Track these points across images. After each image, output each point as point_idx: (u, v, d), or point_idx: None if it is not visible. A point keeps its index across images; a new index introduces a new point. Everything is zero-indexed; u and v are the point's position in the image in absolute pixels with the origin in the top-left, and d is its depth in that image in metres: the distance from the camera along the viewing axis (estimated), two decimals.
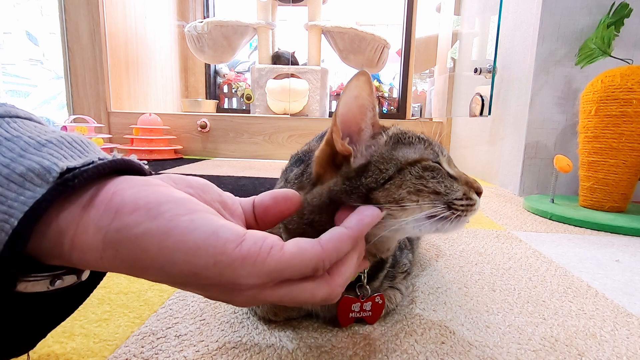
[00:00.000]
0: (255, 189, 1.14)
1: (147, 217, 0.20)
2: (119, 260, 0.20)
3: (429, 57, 2.06)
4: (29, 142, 0.21)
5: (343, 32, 2.27)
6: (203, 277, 0.20)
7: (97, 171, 0.21)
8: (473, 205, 0.31)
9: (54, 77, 3.47)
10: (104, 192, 0.21)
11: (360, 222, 0.26)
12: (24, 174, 0.19)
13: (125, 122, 1.96)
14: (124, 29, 2.09)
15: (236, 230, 0.21)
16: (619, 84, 0.85)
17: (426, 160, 0.30)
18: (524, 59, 1.19)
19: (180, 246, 0.19)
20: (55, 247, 0.20)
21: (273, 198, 0.28)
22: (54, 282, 0.22)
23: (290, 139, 2.04)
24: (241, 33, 2.33)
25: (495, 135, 1.40)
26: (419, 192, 0.29)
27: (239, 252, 0.20)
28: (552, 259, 0.61)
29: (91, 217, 0.20)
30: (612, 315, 0.43)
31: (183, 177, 0.26)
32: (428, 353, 0.34)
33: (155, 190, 0.21)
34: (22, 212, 0.18)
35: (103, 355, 0.32)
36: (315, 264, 0.22)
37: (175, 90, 2.69)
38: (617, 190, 0.89)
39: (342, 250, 0.24)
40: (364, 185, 0.29)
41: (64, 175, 0.20)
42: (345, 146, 0.29)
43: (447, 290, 0.47)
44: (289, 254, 0.21)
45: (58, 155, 0.21)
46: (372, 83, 0.29)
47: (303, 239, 0.23)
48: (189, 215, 0.20)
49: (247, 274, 0.20)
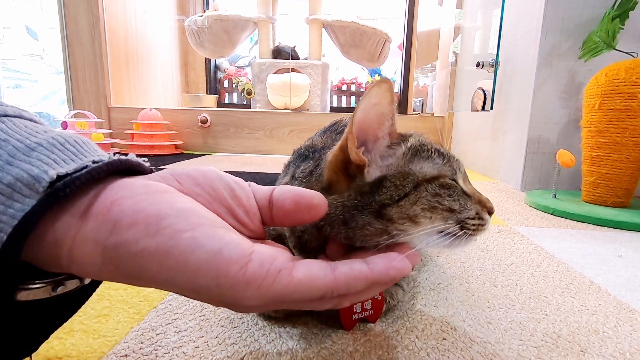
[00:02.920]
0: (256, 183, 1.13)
1: (147, 233, 0.18)
2: (119, 274, 0.19)
3: (431, 51, 2.05)
4: (17, 146, 0.19)
5: (344, 26, 2.25)
6: (204, 295, 0.19)
7: (91, 177, 0.20)
8: (484, 225, 0.30)
9: (54, 72, 3.46)
10: (101, 201, 0.20)
11: (386, 271, 0.22)
12: (11, 184, 0.18)
13: (126, 117, 1.96)
14: (124, 24, 2.07)
15: (242, 249, 0.19)
16: (624, 77, 0.84)
17: (444, 177, 0.29)
18: (526, 53, 1.17)
19: (180, 267, 0.18)
20: (52, 258, 0.19)
21: (295, 203, 0.24)
22: (55, 288, 0.21)
23: (291, 134, 2.03)
24: (241, 27, 2.32)
25: (498, 129, 1.39)
26: (434, 209, 0.28)
27: (242, 276, 0.19)
28: (554, 254, 0.61)
29: (89, 229, 0.19)
30: (615, 311, 0.42)
31: (189, 172, 0.23)
32: (429, 349, 0.33)
33: (157, 199, 0.20)
34: (11, 227, 0.17)
35: (102, 351, 0.32)
36: (323, 293, 0.21)
37: (176, 85, 2.68)
38: (621, 186, 0.89)
39: (354, 289, 0.22)
40: (378, 202, 0.27)
41: (54, 184, 0.18)
42: (360, 156, 0.28)
43: (448, 286, 0.47)
44: (297, 280, 0.20)
45: (48, 161, 0.19)
46: (394, 91, 0.27)
47: (316, 264, 0.21)
48: (191, 231, 0.19)
49: (250, 297, 0.19)
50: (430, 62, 2.12)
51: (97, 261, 0.19)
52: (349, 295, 0.23)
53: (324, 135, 0.46)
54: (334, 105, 2.78)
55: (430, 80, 2.08)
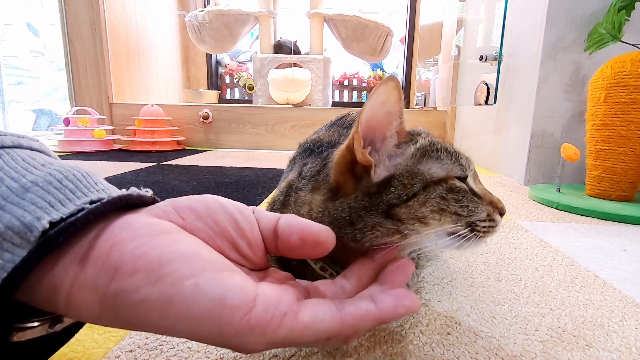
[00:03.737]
0: (258, 179, 1.13)
1: (148, 282, 0.18)
2: (118, 321, 0.19)
3: (433, 44, 2.03)
4: (11, 186, 0.18)
5: (346, 20, 2.24)
6: (207, 341, 0.19)
7: (88, 220, 0.19)
8: (495, 227, 0.30)
9: (55, 69, 3.46)
10: (101, 244, 0.19)
11: (394, 310, 0.21)
12: (2, 232, 0.17)
13: (127, 114, 1.96)
14: (124, 19, 2.07)
15: (245, 294, 0.19)
16: (629, 70, 0.83)
17: (452, 178, 0.29)
18: (531, 46, 1.16)
19: (182, 316, 0.18)
20: (48, 302, 0.19)
21: (302, 239, 0.23)
22: (53, 325, 0.20)
23: (293, 129, 2.03)
24: (242, 22, 2.30)
25: (501, 123, 1.38)
26: (442, 211, 0.27)
27: (247, 323, 0.18)
28: (559, 248, 0.61)
29: (88, 274, 0.18)
30: (621, 306, 0.42)
31: (191, 204, 0.22)
32: (434, 344, 0.33)
33: (158, 242, 0.19)
34: (0, 279, 0.17)
35: (108, 347, 0.32)
36: (329, 335, 0.20)
37: (177, 81, 2.68)
38: (625, 179, 0.88)
39: (361, 329, 0.21)
40: (385, 202, 0.27)
41: (47, 232, 0.18)
42: (366, 156, 0.27)
43: (452, 281, 0.47)
44: (302, 324, 0.19)
45: (43, 204, 0.18)
46: (401, 89, 0.27)
47: (322, 305, 0.20)
48: (194, 278, 0.18)
49: (254, 342, 0.18)
50: (433, 56, 2.10)
51: (95, 308, 0.18)
52: (357, 334, 0.22)
53: (331, 129, 0.46)
54: (336, 100, 2.77)
55: (432, 74, 2.07)
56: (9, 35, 3.37)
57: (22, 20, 3.36)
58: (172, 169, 1.29)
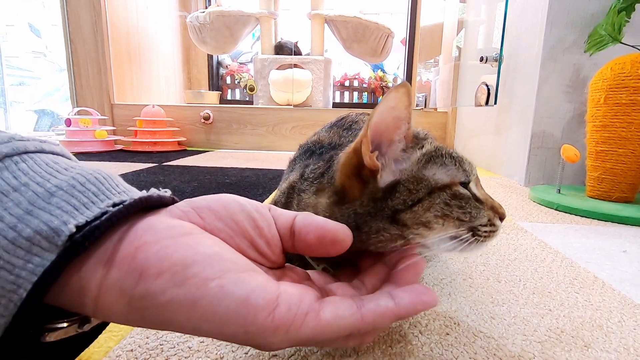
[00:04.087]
0: (259, 180, 1.13)
1: (173, 284, 0.18)
2: (145, 322, 0.19)
3: (434, 46, 2.03)
4: (37, 191, 0.19)
5: (346, 21, 2.24)
6: (230, 340, 0.19)
7: (111, 224, 0.19)
8: (495, 231, 0.31)
9: (57, 70, 3.47)
10: (125, 246, 0.19)
11: (413, 306, 0.22)
12: (31, 237, 0.17)
13: (129, 114, 1.97)
14: (126, 20, 2.07)
15: (269, 294, 0.19)
16: (629, 71, 0.83)
17: (456, 185, 0.29)
18: (531, 47, 1.16)
19: (208, 317, 0.18)
20: (77, 305, 0.19)
21: (319, 238, 0.23)
22: (82, 326, 0.21)
23: (294, 130, 2.03)
24: (243, 23, 2.31)
25: (501, 124, 1.38)
26: (446, 216, 0.28)
27: (271, 322, 0.18)
28: (558, 249, 0.61)
29: (114, 277, 0.19)
30: (620, 307, 0.42)
31: (210, 204, 0.23)
32: (433, 344, 0.34)
33: (181, 244, 0.20)
34: (31, 283, 0.17)
35: (109, 346, 0.32)
36: (350, 332, 0.21)
37: (178, 82, 2.68)
38: (626, 180, 0.88)
39: (381, 326, 0.22)
40: (390, 207, 0.27)
41: (73, 236, 0.18)
42: (374, 160, 0.27)
43: (451, 282, 0.47)
44: (324, 322, 0.20)
45: (68, 208, 0.19)
46: (411, 95, 0.27)
47: (342, 303, 0.21)
48: (219, 279, 0.19)
49: (278, 341, 0.19)
50: (434, 57, 2.10)
51: (123, 310, 0.19)
52: (375, 332, 0.23)
53: (331, 130, 0.46)
54: (337, 101, 2.77)
55: (433, 75, 2.07)
56: (11, 35, 3.38)
57: (24, 21, 3.37)
58: (173, 170, 1.29)
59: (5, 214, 0.18)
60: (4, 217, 0.17)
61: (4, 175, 0.19)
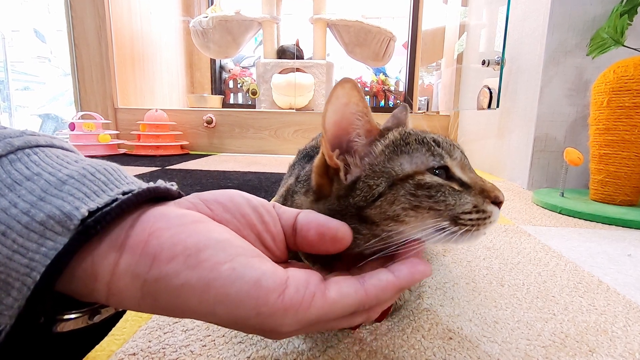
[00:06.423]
0: (261, 183, 1.14)
1: (187, 267, 0.19)
2: (158, 307, 0.20)
3: (436, 49, 2.04)
4: (49, 180, 0.19)
5: (348, 25, 2.25)
6: (242, 324, 0.19)
7: (121, 210, 0.20)
8: (487, 218, 0.27)
9: (61, 74, 3.50)
10: (137, 232, 0.20)
11: (411, 276, 0.23)
12: (44, 221, 0.18)
13: (132, 118, 1.98)
14: (130, 25, 2.09)
15: (278, 277, 0.20)
16: (632, 74, 0.83)
17: (421, 173, 0.27)
18: (533, 50, 1.16)
19: (221, 299, 0.19)
20: (89, 291, 0.19)
21: (320, 235, 0.24)
22: (92, 317, 0.21)
23: (296, 134, 2.03)
24: (246, 27, 2.32)
25: (504, 128, 1.38)
26: (416, 207, 0.26)
27: (281, 303, 0.19)
28: (562, 253, 0.60)
29: (127, 262, 0.19)
30: (624, 311, 0.42)
31: (217, 197, 0.23)
32: (435, 349, 0.33)
33: (193, 230, 0.20)
34: (44, 266, 0.17)
35: (111, 350, 0.32)
36: (356, 308, 0.21)
37: (181, 86, 2.70)
38: (629, 184, 0.87)
39: (384, 299, 0.22)
40: (353, 205, 0.26)
41: (85, 220, 0.19)
42: (334, 160, 0.27)
43: (454, 286, 0.47)
44: (331, 300, 0.20)
45: (80, 195, 0.19)
46: (360, 88, 0.26)
47: (345, 281, 0.22)
48: (230, 262, 0.19)
49: (289, 323, 0.19)
50: (436, 61, 2.10)
51: (136, 294, 0.19)
52: (378, 306, 0.23)
53: None
54: None
55: (435, 78, 2.07)
56: (17, 41, 3.42)
57: (30, 27, 3.41)
58: (175, 174, 1.30)
59: (19, 200, 0.18)
60: (18, 204, 0.18)
61: (17, 166, 0.19)
